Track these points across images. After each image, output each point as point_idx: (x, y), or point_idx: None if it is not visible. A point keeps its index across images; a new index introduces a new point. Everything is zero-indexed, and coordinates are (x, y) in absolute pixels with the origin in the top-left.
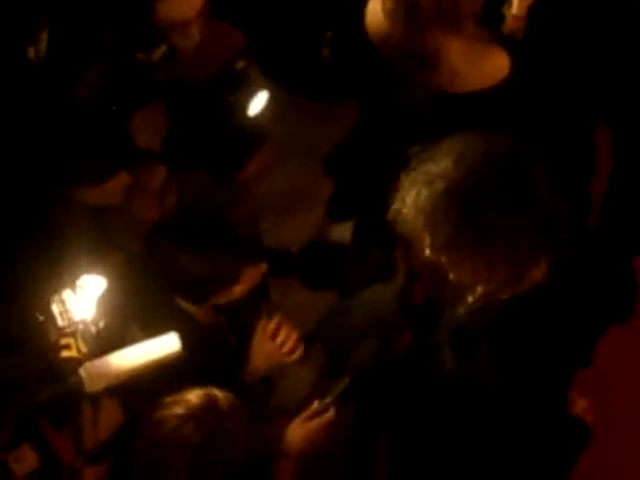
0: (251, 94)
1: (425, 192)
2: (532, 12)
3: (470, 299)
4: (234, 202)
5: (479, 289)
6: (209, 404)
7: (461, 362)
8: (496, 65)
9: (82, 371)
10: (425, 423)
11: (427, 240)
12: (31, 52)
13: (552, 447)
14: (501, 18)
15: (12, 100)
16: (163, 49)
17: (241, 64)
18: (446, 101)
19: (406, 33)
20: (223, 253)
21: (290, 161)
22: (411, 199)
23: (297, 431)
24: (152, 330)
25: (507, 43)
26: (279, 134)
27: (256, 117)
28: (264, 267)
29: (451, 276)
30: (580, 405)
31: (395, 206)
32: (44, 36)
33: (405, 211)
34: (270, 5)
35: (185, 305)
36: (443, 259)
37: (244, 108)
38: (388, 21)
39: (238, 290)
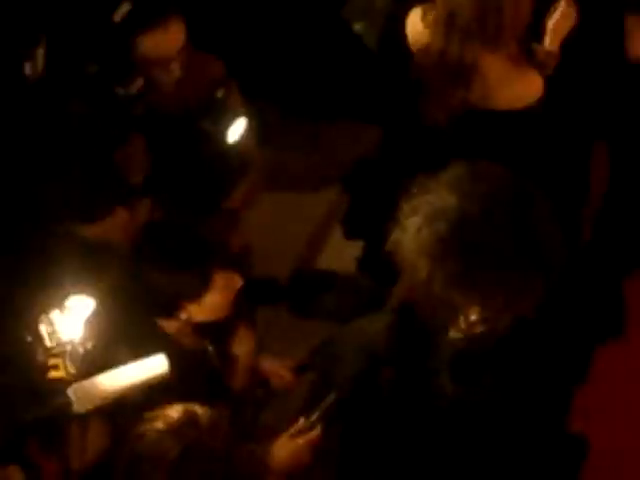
0: (230, 121)
1: (426, 230)
2: (565, 47)
3: (462, 325)
4: (225, 231)
5: (473, 316)
6: (188, 419)
7: (461, 387)
8: (529, 88)
9: (70, 392)
10: (423, 446)
11: (424, 271)
12: (27, 68)
13: (554, 465)
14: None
15: (7, 118)
16: (140, 83)
17: (220, 93)
18: (473, 118)
19: (446, 43)
20: (189, 260)
21: (279, 188)
22: (411, 234)
23: (283, 448)
24: (140, 351)
25: (542, 70)
26: (267, 161)
27: (238, 144)
28: (238, 280)
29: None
30: None
31: (394, 237)
32: (41, 52)
33: (405, 244)
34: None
35: (168, 329)
36: (437, 288)
37: (225, 136)
38: (428, 31)
39: (211, 301)
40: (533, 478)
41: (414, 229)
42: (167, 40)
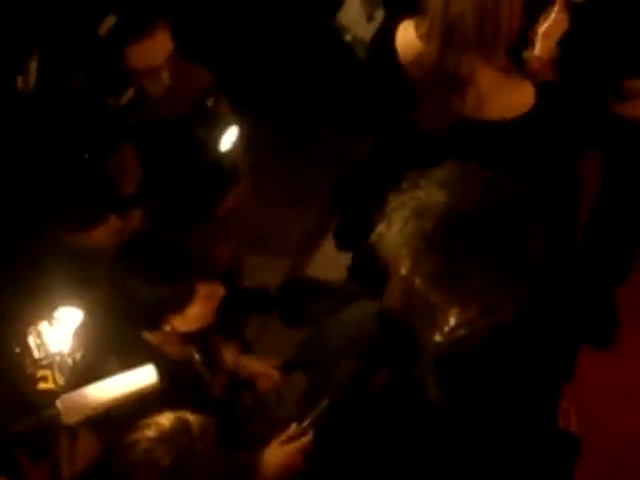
0: (222, 130)
1: (412, 224)
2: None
3: (446, 328)
4: (213, 238)
5: (453, 319)
6: (180, 427)
7: (447, 389)
8: (522, 98)
9: (59, 403)
10: (411, 448)
11: (406, 266)
12: (20, 81)
13: (545, 463)
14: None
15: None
16: (131, 93)
17: (210, 101)
18: (467, 128)
19: (442, 54)
20: (171, 272)
21: (269, 199)
22: (397, 227)
23: (274, 454)
24: (128, 362)
25: (533, 78)
26: (257, 170)
27: (229, 152)
28: (220, 289)
29: (423, 298)
30: (564, 414)
31: (379, 229)
32: (34, 65)
33: (389, 237)
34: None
35: (152, 341)
36: (418, 283)
37: (216, 144)
38: (422, 42)
39: (195, 313)
40: (522, 478)
41: (400, 223)
42: (154, 49)
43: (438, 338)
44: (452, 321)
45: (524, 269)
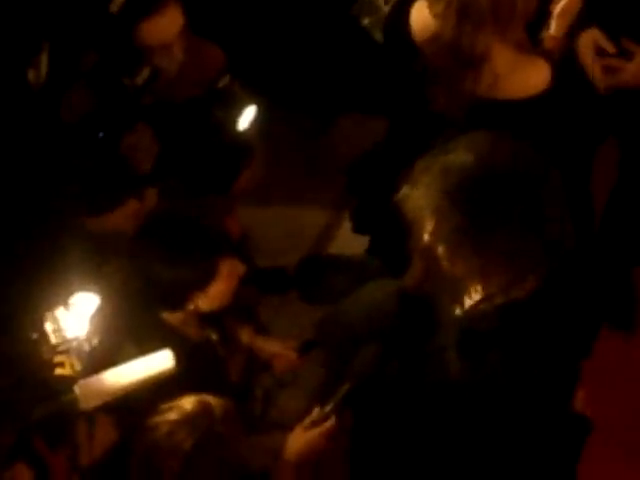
0: (238, 109)
1: (437, 183)
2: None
3: (468, 301)
4: (228, 216)
5: (475, 292)
6: (202, 410)
7: (468, 364)
8: (537, 77)
9: (76, 389)
10: (430, 424)
11: (429, 228)
12: (31, 75)
13: (559, 442)
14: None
15: (13, 123)
16: (146, 72)
17: (225, 80)
18: (482, 107)
19: (458, 31)
20: (194, 251)
21: (285, 177)
22: (423, 187)
23: (297, 439)
24: (145, 347)
25: (548, 57)
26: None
27: (244, 132)
28: (241, 266)
29: (445, 268)
30: (580, 398)
31: (405, 190)
32: (44, 59)
33: (414, 196)
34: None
35: (172, 322)
36: (440, 250)
37: (231, 124)
38: (437, 21)
39: (218, 290)
40: (537, 455)
41: (426, 183)
42: (165, 25)
43: (459, 312)
44: (474, 295)
45: (544, 243)
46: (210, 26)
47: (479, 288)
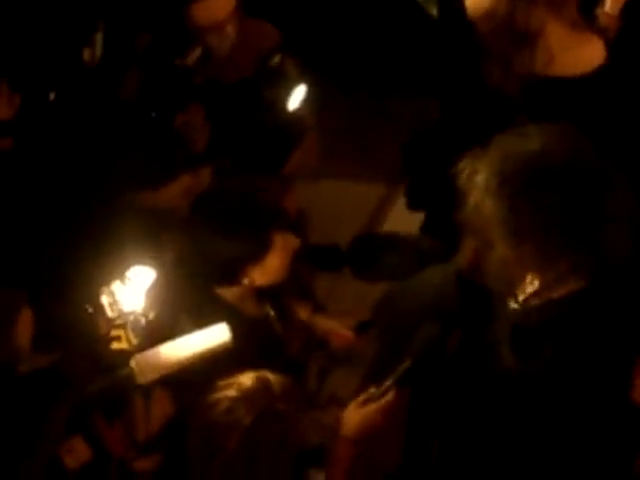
0: (289, 88)
1: (499, 167)
2: (626, 10)
3: (521, 296)
4: (280, 197)
5: (529, 284)
6: (261, 386)
7: (522, 359)
8: (592, 53)
9: (133, 363)
10: (484, 418)
11: (487, 212)
12: (87, 54)
13: (617, 436)
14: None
15: (71, 102)
16: (198, 52)
17: (277, 59)
18: (537, 84)
19: (512, 6)
20: (248, 224)
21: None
22: (484, 169)
23: (354, 415)
24: (201, 321)
25: (603, 35)
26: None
27: (296, 111)
28: (295, 240)
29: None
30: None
31: (464, 163)
32: (99, 38)
33: (475, 180)
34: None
35: (229, 298)
36: (490, 228)
37: (283, 103)
38: None
39: (271, 263)
40: (594, 447)
41: (488, 166)
42: (217, 4)
43: (513, 305)
44: (527, 288)
45: (592, 247)
46: (264, 5)
47: (532, 281)
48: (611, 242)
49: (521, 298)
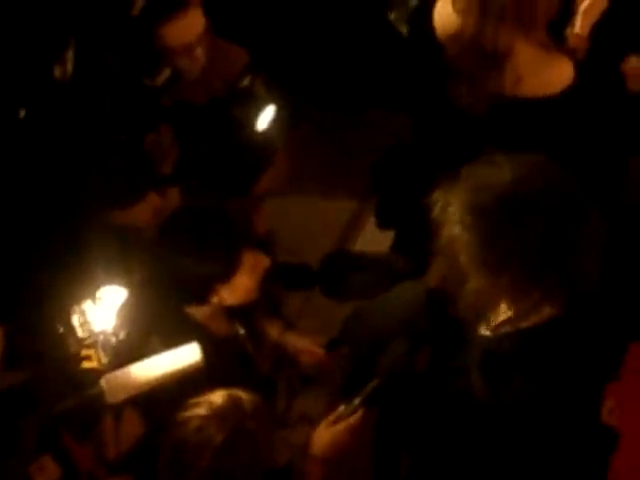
0: (258, 109)
1: (470, 198)
2: (596, 31)
3: (493, 322)
4: (250, 217)
5: (501, 314)
6: (232, 404)
7: (492, 387)
8: (561, 74)
9: (103, 382)
10: (452, 438)
11: (458, 242)
12: (57, 71)
13: (585, 458)
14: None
15: (40, 119)
16: (167, 73)
17: (246, 81)
18: (505, 105)
19: (480, 26)
20: (217, 242)
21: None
22: (455, 195)
23: (324, 434)
24: (172, 341)
25: (572, 55)
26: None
27: (266, 131)
28: (265, 259)
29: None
30: (607, 407)
31: (437, 195)
32: (70, 55)
33: (445, 202)
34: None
35: (198, 317)
36: (462, 259)
37: (252, 124)
38: (460, 17)
39: (242, 283)
40: (562, 470)
41: (457, 194)
42: (187, 26)
43: (485, 333)
44: (500, 316)
45: (565, 276)
46: (233, 26)
47: (505, 310)
48: (584, 271)
49: (493, 324)
